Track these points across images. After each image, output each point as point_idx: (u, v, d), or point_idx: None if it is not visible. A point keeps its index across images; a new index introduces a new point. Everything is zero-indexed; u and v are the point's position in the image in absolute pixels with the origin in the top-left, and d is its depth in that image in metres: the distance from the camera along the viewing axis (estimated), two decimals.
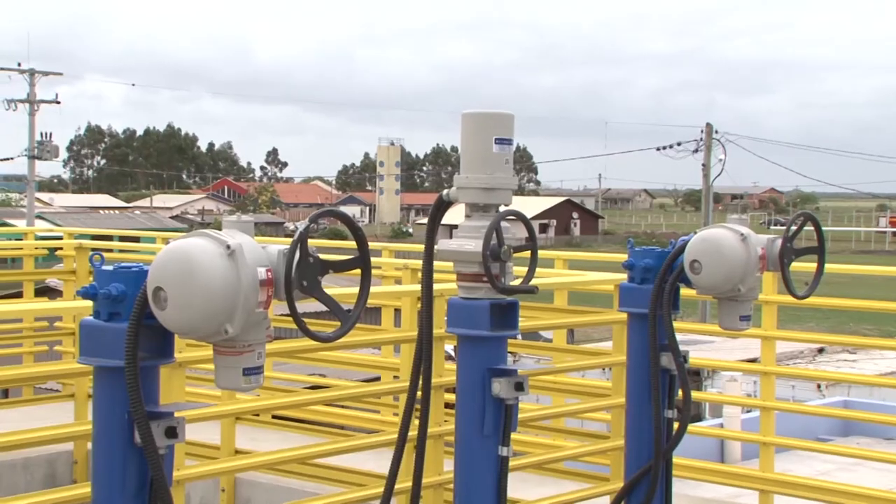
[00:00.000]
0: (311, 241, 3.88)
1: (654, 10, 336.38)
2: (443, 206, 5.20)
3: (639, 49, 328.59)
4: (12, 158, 67.74)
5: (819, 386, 19.61)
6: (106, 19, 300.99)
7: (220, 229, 3.88)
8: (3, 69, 59.12)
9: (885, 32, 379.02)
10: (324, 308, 4.00)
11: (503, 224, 5.02)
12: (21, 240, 14.58)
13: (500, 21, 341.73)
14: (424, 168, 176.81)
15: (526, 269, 5.22)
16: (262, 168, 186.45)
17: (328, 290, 3.96)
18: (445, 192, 5.15)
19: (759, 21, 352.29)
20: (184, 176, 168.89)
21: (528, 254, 5.21)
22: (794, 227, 6.07)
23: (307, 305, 3.96)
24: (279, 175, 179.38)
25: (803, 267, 6.23)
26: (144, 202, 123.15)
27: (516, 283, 5.13)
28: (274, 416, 9.27)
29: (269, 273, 3.78)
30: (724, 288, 5.96)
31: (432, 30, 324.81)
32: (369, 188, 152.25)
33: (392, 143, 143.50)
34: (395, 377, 7.28)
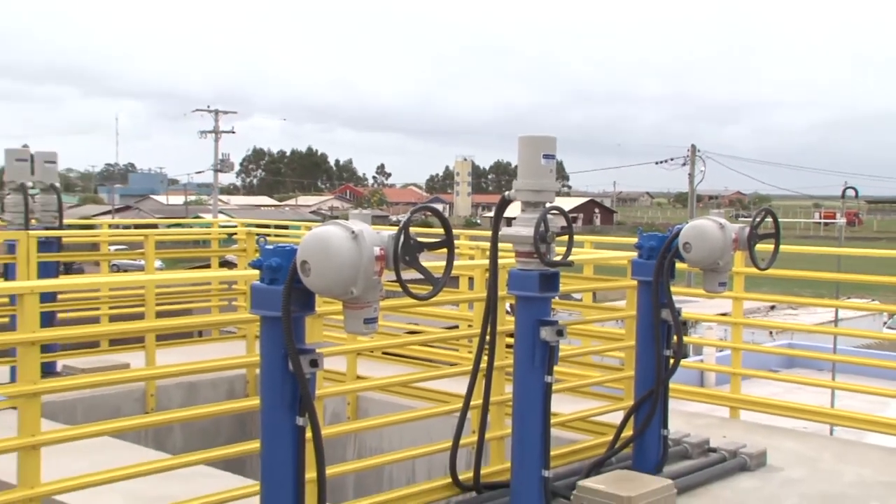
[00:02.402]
0: (411, 229, 3.87)
1: (652, 61, 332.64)
2: (505, 203, 5.17)
3: (643, 91, 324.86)
4: (203, 171, 70.03)
5: (771, 332, 19.37)
6: (267, 72, 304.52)
7: (347, 220, 3.89)
8: (198, 110, 61.83)
9: (819, 80, 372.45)
10: (419, 276, 3.99)
11: (548, 216, 4.99)
12: (209, 227, 14.79)
13: (544, 71, 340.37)
14: (489, 177, 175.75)
15: (565, 248, 5.18)
16: (373, 177, 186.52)
17: (424, 263, 3.95)
18: (506, 193, 5.12)
19: (728, 70, 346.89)
20: (319, 183, 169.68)
21: (566, 238, 5.16)
22: (758, 219, 5.99)
23: (408, 274, 3.94)
24: (385, 182, 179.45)
25: (763, 248, 6.11)
26: (291, 201, 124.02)
27: (558, 258, 5.09)
28: (384, 353, 9.30)
29: (382, 251, 3.78)
30: (707, 262, 5.89)
31: (494, 77, 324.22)
32: (449, 191, 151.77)
33: (465, 159, 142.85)
34: (470, 325, 7.25)
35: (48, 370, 8.27)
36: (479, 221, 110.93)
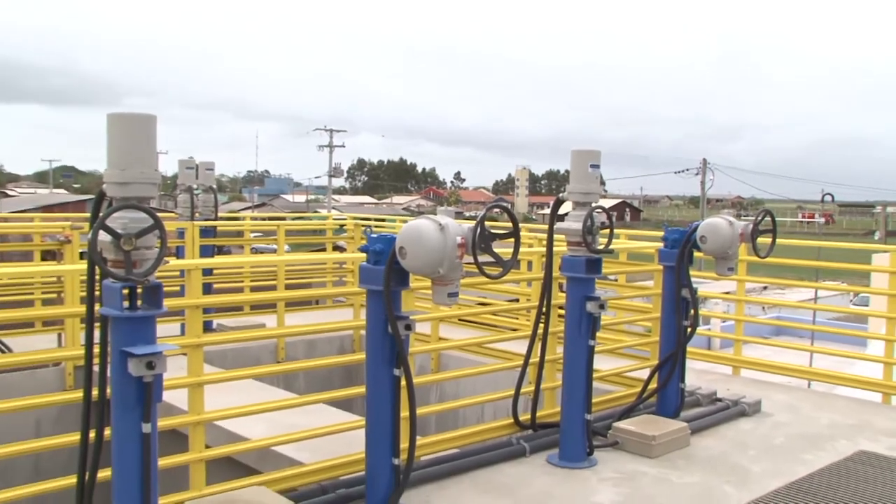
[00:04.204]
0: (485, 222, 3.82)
1: (671, 90, 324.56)
2: (559, 203, 5.08)
3: (664, 114, 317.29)
4: (320, 176, 70.90)
5: (763, 307, 18.91)
6: (369, 100, 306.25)
7: (435, 214, 3.85)
8: (317, 129, 63.73)
9: (805, 108, 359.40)
10: (491, 259, 3.93)
11: (594, 214, 4.89)
12: (325, 220, 14.95)
13: (583, 99, 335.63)
14: (542, 182, 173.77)
15: (606, 239, 5.07)
16: (451, 182, 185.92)
17: (496, 250, 3.89)
18: (560, 194, 5.03)
19: (733, 98, 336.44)
20: (408, 186, 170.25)
21: (607, 231, 5.05)
22: (759, 218, 5.82)
23: (481, 257, 3.88)
24: (460, 185, 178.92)
25: (762, 240, 5.93)
26: (387, 200, 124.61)
27: (601, 247, 4.98)
28: (460, 319, 9.28)
29: (463, 240, 3.74)
30: (719, 251, 5.74)
31: (548, 105, 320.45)
32: (510, 193, 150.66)
33: (523, 167, 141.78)
34: (528, 299, 7.16)
35: (207, 327, 8.48)
36: (534, 218, 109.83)
